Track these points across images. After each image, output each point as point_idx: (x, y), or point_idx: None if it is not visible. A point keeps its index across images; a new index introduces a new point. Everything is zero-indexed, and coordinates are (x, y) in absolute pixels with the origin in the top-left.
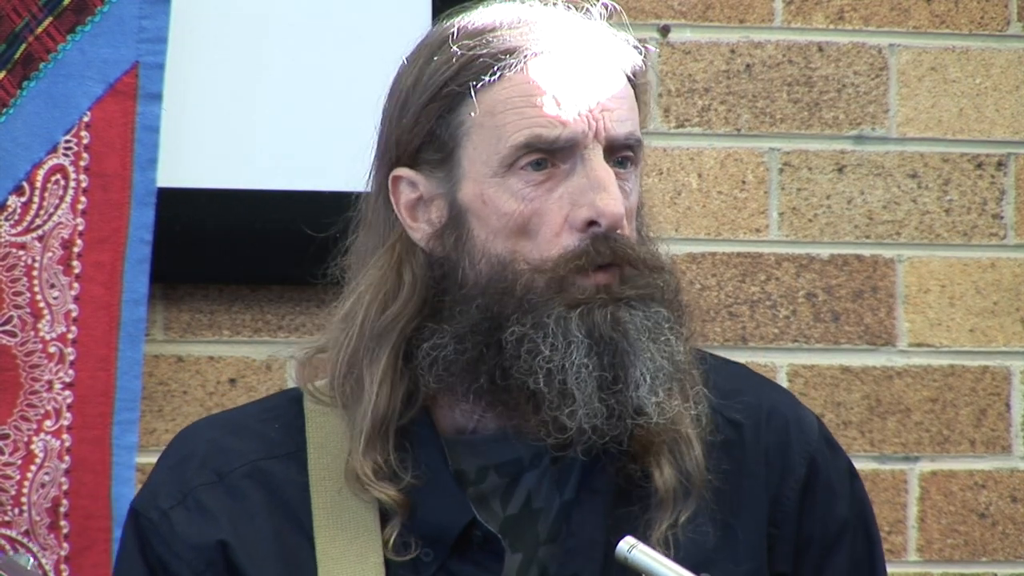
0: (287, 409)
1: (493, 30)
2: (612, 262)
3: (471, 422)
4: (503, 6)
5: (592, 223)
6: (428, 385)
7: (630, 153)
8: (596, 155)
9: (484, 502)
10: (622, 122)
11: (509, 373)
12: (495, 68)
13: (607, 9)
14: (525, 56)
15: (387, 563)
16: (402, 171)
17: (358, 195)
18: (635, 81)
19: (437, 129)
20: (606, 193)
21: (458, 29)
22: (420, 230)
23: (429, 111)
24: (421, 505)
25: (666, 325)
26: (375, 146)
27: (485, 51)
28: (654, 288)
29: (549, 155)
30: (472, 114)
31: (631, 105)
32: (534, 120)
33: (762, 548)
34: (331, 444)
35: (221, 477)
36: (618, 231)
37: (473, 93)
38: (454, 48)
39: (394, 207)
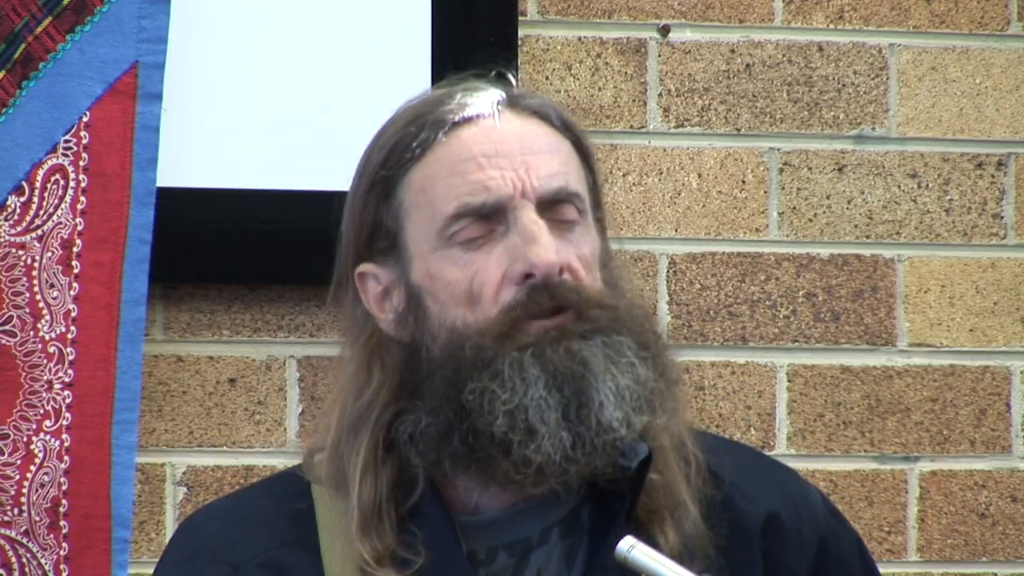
0: (294, 494)
1: (417, 108)
2: (556, 308)
3: (473, 498)
4: (430, 90)
5: (528, 275)
6: (415, 465)
7: (570, 207)
8: (526, 212)
9: None
10: (551, 177)
11: (476, 428)
12: (417, 145)
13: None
14: (446, 128)
15: None
16: (365, 267)
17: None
18: (573, 136)
19: (380, 217)
20: (536, 244)
21: (392, 116)
22: (387, 320)
23: (370, 201)
24: None
25: (629, 351)
26: (340, 245)
27: (409, 130)
28: (613, 321)
29: (481, 219)
30: (406, 195)
31: (564, 159)
32: (460, 189)
33: None
34: (342, 528)
35: (235, 569)
36: (563, 277)
37: (403, 174)
38: (383, 137)
39: (364, 302)
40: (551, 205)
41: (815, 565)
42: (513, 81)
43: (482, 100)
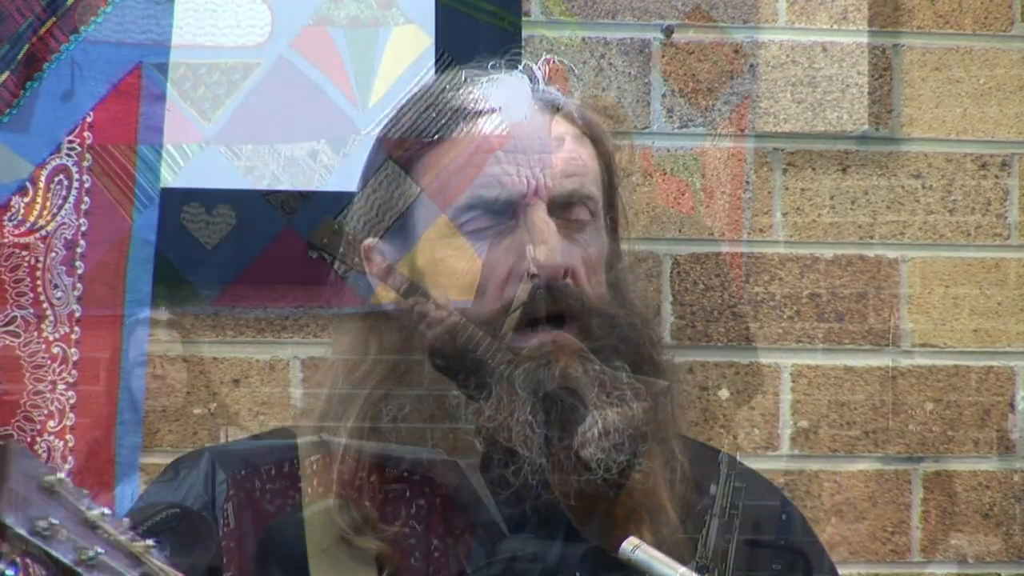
0: (281, 449)
1: (438, 94)
2: (557, 313)
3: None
4: (452, 71)
5: (533, 275)
6: (393, 446)
7: (582, 208)
8: (537, 210)
9: (470, 561)
10: (566, 178)
11: (457, 434)
12: (436, 131)
13: (554, 68)
14: (466, 117)
15: None
16: (371, 241)
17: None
18: (594, 135)
19: (391, 195)
20: (544, 245)
21: (410, 96)
22: (388, 296)
23: (383, 178)
24: (413, 552)
25: (624, 379)
26: (351, 212)
27: (430, 115)
28: (612, 336)
29: (492, 212)
30: (420, 178)
31: (583, 161)
32: (475, 180)
33: None
34: (322, 493)
35: (213, 504)
36: (565, 281)
37: (418, 157)
38: (403, 117)
39: (368, 275)
40: (563, 206)
41: None
42: (539, 75)
43: (506, 92)
